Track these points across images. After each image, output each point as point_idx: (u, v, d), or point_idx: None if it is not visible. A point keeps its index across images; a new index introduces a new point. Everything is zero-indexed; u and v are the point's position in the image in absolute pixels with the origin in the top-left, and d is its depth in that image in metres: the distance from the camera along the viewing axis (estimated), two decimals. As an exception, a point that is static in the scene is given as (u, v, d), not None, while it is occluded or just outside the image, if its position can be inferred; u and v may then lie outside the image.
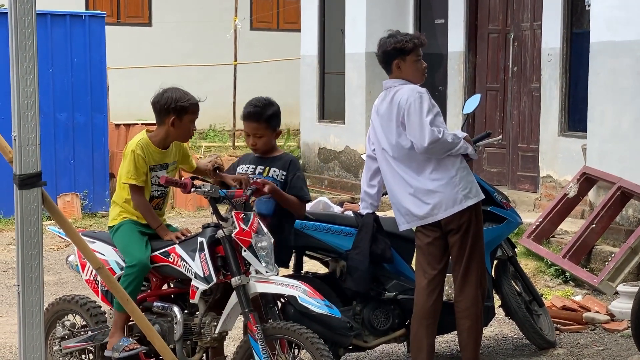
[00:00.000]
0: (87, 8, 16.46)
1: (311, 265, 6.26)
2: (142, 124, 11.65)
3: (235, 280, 4.50)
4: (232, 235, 4.52)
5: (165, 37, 17.27)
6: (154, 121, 4.94)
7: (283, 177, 5.05)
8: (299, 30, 13.78)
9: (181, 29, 17.25)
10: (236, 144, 15.25)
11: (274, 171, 5.05)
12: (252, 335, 4.46)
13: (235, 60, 15.35)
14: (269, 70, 17.34)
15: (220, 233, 4.57)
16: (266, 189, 4.84)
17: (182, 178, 4.71)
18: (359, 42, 11.87)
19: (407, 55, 5.00)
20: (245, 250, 4.51)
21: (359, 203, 5.39)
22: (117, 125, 12.07)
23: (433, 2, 11.50)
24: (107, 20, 12.49)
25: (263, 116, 5.00)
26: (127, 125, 12.16)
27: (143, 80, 16.45)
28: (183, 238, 4.78)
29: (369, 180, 5.27)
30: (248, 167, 5.11)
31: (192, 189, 4.60)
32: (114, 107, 13.44)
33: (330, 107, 12.99)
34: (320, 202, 5.57)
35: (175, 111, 4.77)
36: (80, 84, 11.02)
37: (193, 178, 4.71)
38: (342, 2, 12.24)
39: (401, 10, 11.64)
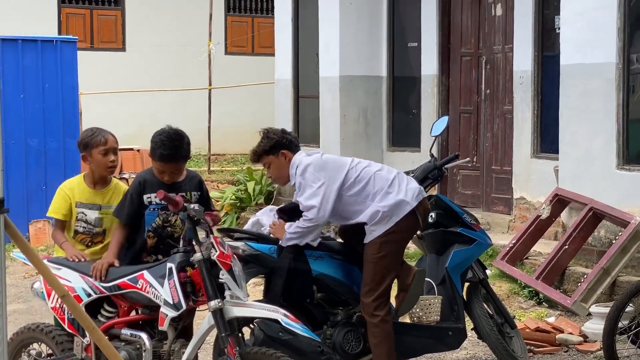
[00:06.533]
0: (59, 33, 16.38)
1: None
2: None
3: (214, 304, 4.48)
4: (214, 257, 4.50)
5: (138, 62, 17.22)
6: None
7: (197, 196, 5.03)
8: (273, 54, 13.79)
9: (155, 54, 17.21)
10: (212, 168, 15.20)
11: (194, 194, 5.00)
12: (232, 359, 4.42)
13: (210, 84, 15.33)
14: (244, 94, 17.33)
15: (197, 256, 4.54)
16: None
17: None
18: (332, 66, 11.87)
19: None
20: (224, 274, 4.50)
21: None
22: (90, 151, 12.00)
23: (406, 25, 11.55)
24: (81, 46, 12.45)
25: (181, 155, 4.90)
26: (100, 151, 12.09)
27: (117, 105, 16.37)
28: (81, 260, 4.92)
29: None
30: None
31: (181, 210, 4.58)
32: (87, 132, 13.34)
33: (305, 131, 12.96)
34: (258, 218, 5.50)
35: (83, 148, 5.11)
36: (52, 110, 10.96)
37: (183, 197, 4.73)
38: (316, 26, 12.25)
39: (374, 33, 11.66)
